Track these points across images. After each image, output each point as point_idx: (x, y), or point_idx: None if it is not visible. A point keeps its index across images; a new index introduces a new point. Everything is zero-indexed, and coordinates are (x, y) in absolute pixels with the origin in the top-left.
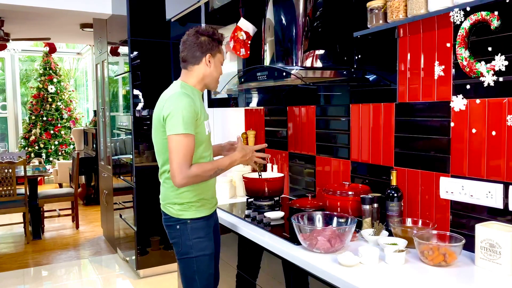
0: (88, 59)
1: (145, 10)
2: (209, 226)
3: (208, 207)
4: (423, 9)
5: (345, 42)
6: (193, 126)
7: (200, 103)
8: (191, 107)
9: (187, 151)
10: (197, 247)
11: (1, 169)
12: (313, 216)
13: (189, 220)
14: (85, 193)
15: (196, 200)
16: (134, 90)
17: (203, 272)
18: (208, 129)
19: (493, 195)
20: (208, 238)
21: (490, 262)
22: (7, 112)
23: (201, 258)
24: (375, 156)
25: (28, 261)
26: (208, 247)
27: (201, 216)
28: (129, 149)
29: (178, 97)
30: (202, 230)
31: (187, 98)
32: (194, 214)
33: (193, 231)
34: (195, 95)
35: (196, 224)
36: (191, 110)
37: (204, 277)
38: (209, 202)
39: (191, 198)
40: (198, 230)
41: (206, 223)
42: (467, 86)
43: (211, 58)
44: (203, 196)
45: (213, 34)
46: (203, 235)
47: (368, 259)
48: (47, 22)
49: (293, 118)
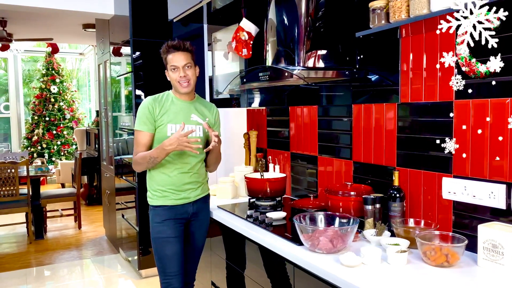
0: (91, 59)
1: (148, 11)
2: (169, 215)
3: (172, 199)
4: (425, 9)
5: (347, 42)
6: (146, 124)
7: (170, 107)
8: (145, 109)
9: (136, 143)
10: (153, 231)
11: (4, 169)
12: (315, 217)
13: (151, 207)
14: (87, 193)
15: (156, 190)
16: (136, 90)
17: (160, 252)
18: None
19: (495, 196)
20: (163, 224)
21: (492, 263)
22: (10, 113)
23: (157, 239)
24: (377, 156)
25: (30, 261)
26: (163, 231)
27: (161, 204)
28: (131, 149)
29: (144, 100)
30: (159, 217)
31: (147, 102)
32: (155, 202)
33: (153, 217)
34: (168, 100)
35: (156, 211)
36: (144, 111)
37: (161, 257)
38: (173, 194)
39: (153, 187)
40: (157, 216)
41: (167, 212)
42: (469, 86)
43: (166, 71)
44: (162, 188)
45: (162, 50)
46: (159, 221)
47: (370, 259)
48: (50, 22)
49: (295, 118)
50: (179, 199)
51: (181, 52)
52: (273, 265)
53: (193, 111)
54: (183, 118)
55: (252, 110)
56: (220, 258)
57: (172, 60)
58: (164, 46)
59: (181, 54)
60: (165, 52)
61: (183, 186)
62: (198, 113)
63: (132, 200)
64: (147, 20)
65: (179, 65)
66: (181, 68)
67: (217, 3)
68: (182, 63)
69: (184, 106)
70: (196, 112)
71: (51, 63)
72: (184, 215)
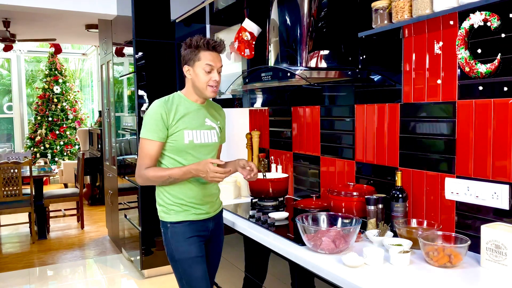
0: (93, 59)
1: (150, 11)
2: (193, 232)
3: (192, 213)
4: (428, 9)
5: (349, 43)
6: (156, 133)
7: (184, 111)
8: (156, 114)
9: (145, 153)
10: (177, 251)
11: (7, 169)
12: (317, 217)
13: (169, 224)
14: (90, 193)
15: (174, 203)
16: (139, 91)
17: (189, 275)
18: (191, 138)
19: (498, 196)
20: (188, 243)
21: (495, 264)
22: (13, 113)
23: (184, 261)
24: (380, 156)
25: (33, 261)
26: (189, 251)
27: (180, 220)
28: (134, 149)
29: (152, 104)
30: (181, 235)
31: (158, 107)
32: (173, 218)
33: (173, 235)
34: (181, 104)
35: (176, 228)
36: (156, 117)
37: (191, 279)
38: (193, 208)
39: (168, 200)
40: (178, 235)
41: (189, 228)
42: (472, 87)
43: (189, 67)
44: (183, 201)
45: (190, 43)
46: (182, 240)
47: (373, 260)
48: (53, 23)
49: (297, 119)
50: (200, 214)
51: (218, 53)
52: (276, 265)
53: (206, 115)
54: (198, 123)
55: (254, 111)
56: (223, 259)
57: (208, 58)
58: (201, 41)
59: (218, 55)
60: (200, 47)
61: (203, 198)
62: (211, 116)
63: (135, 200)
64: (150, 20)
65: (216, 66)
66: (217, 70)
67: (219, 4)
68: (219, 64)
69: (198, 110)
70: (209, 116)
71: (54, 63)
72: (205, 232)
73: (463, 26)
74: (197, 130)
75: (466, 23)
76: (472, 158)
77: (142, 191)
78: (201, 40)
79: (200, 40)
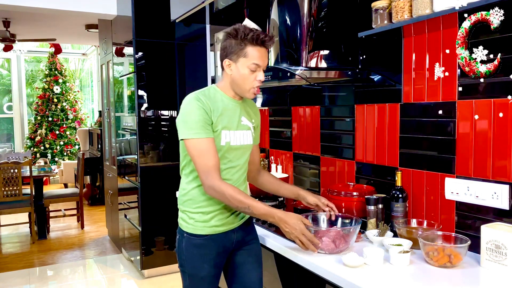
0: (93, 59)
1: (150, 11)
2: (210, 247)
3: (213, 225)
4: (428, 9)
5: (349, 43)
6: (205, 129)
7: (222, 109)
8: (199, 109)
9: (202, 155)
10: (188, 265)
11: (7, 169)
12: (317, 217)
13: (185, 234)
14: (90, 193)
15: (195, 212)
16: (139, 91)
17: None
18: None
19: (498, 196)
20: (202, 260)
21: (495, 264)
22: (13, 113)
23: (193, 276)
24: (380, 156)
25: (33, 261)
26: (200, 269)
27: (198, 234)
28: (134, 149)
29: (187, 101)
30: (196, 250)
31: (197, 100)
32: (191, 229)
33: (188, 247)
34: (218, 100)
35: (192, 241)
36: (200, 112)
37: None
38: (217, 216)
39: (190, 207)
40: (194, 247)
41: (207, 242)
42: (472, 86)
43: (231, 62)
44: (205, 208)
45: (236, 34)
46: (196, 255)
47: (373, 260)
48: (53, 23)
49: (297, 119)
50: (220, 226)
51: (267, 49)
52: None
53: (242, 113)
54: (235, 123)
55: None
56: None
57: (255, 55)
58: (249, 34)
59: (266, 51)
60: (247, 41)
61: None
62: (246, 115)
63: (135, 200)
64: (150, 20)
65: (263, 65)
66: (263, 70)
67: (219, 4)
68: (266, 62)
69: (235, 108)
70: (245, 114)
71: (54, 63)
72: (228, 244)
73: (463, 26)
74: (234, 131)
75: (466, 23)
76: (472, 158)
77: (142, 191)
78: (249, 32)
79: (249, 33)
